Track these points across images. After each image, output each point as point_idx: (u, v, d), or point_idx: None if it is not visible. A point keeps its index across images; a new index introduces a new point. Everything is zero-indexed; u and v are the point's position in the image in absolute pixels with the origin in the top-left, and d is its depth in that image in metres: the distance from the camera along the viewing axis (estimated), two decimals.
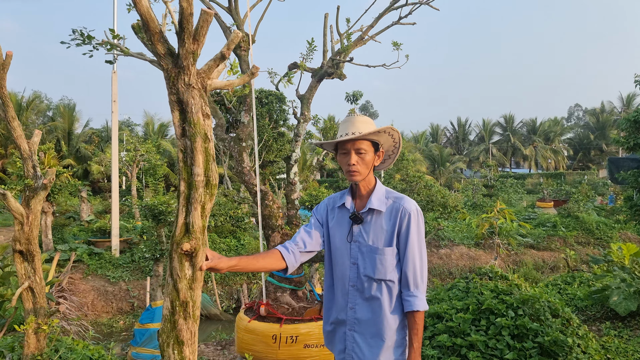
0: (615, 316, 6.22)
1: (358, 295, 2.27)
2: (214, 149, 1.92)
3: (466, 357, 4.12)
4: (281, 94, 18.18)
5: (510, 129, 58.07)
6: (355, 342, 2.27)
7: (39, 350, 3.24)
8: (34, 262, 3.19)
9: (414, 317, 2.18)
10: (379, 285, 2.23)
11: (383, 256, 2.21)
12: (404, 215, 2.21)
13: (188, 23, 1.67)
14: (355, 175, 2.23)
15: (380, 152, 2.32)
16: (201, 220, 1.83)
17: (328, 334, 2.43)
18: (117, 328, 9.63)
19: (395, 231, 2.22)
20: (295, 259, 2.32)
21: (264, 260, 2.27)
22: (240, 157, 4.42)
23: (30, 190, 3.14)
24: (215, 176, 1.88)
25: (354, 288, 2.28)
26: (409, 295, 2.20)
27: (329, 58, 4.68)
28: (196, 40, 1.73)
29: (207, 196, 1.84)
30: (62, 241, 12.60)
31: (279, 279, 4.38)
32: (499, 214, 10.80)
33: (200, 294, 1.90)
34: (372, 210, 2.27)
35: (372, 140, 2.26)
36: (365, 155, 2.24)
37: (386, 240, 2.23)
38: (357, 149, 2.23)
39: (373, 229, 2.25)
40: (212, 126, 2.10)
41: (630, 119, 8.30)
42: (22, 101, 34.87)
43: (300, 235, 2.39)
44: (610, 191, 27.75)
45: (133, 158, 19.99)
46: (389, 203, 2.27)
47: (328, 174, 44.66)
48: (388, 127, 2.24)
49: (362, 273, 2.25)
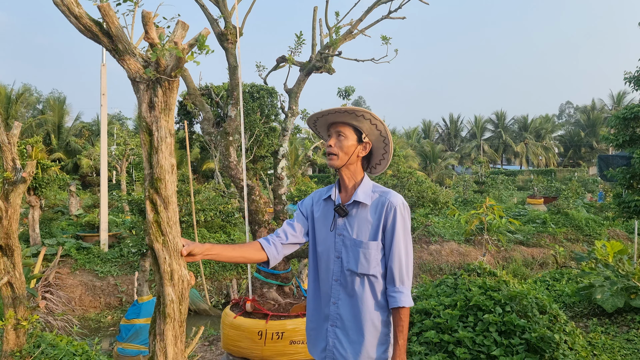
0: (603, 313, 6.25)
1: (341, 290, 2.22)
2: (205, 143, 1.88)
3: (453, 353, 4.11)
4: (272, 89, 18.11)
5: (501, 125, 58.31)
6: (337, 338, 2.22)
7: (18, 347, 3.18)
8: (13, 256, 3.12)
9: (400, 313, 2.13)
10: (362, 280, 2.18)
11: (367, 250, 2.16)
12: (389, 210, 2.16)
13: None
14: (333, 159, 2.21)
15: (366, 142, 2.25)
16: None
17: (311, 331, 2.36)
18: (105, 323, 9.56)
19: (380, 225, 2.17)
20: (277, 251, 2.28)
21: (242, 250, 2.23)
22: (227, 152, 4.36)
23: (9, 183, 3.07)
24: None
25: (337, 282, 2.23)
26: (395, 292, 2.16)
27: (318, 52, 4.63)
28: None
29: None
30: (50, 235, 12.48)
31: (266, 274, 4.34)
32: (488, 210, 10.82)
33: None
34: (357, 203, 2.22)
35: (353, 125, 2.22)
36: (344, 140, 2.20)
37: (371, 234, 2.18)
38: (337, 131, 2.22)
39: (357, 222, 2.21)
40: (199, 120, 2.04)
41: (619, 116, 8.31)
42: (11, 94, 34.53)
43: (282, 228, 2.35)
44: (600, 188, 27.93)
45: (123, 152, 19.85)
46: (374, 197, 2.22)
47: (320, 170, 44.66)
48: (367, 112, 2.17)
49: (345, 267, 2.21)
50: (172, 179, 1.83)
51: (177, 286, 1.84)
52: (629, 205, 8.16)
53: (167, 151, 1.80)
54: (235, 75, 4.46)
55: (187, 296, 1.90)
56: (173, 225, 1.84)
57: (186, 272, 1.88)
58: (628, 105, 8.34)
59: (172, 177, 1.83)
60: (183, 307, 1.88)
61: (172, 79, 1.76)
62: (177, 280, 1.84)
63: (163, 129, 1.78)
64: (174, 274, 1.84)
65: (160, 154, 1.79)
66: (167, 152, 1.80)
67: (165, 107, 1.78)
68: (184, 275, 1.87)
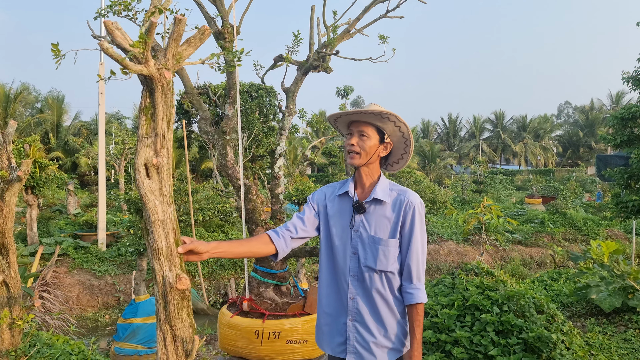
0: (600, 312, 6.25)
1: (359, 286, 2.26)
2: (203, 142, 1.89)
3: (450, 353, 4.10)
4: (271, 88, 18.08)
5: (500, 125, 58.32)
6: (358, 332, 2.25)
7: (13, 346, 3.16)
8: (8, 255, 3.11)
9: (417, 308, 2.20)
10: (380, 276, 2.23)
11: (386, 247, 2.21)
12: (408, 209, 2.21)
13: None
14: (354, 157, 2.23)
15: (387, 143, 2.28)
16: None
17: (324, 327, 2.37)
18: (103, 322, 9.54)
19: (399, 223, 2.22)
20: (286, 244, 2.28)
21: (250, 244, 2.23)
22: (224, 151, 4.35)
23: (5, 182, 3.06)
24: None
25: (354, 278, 2.26)
26: (412, 288, 2.21)
27: (315, 51, 4.62)
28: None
29: None
30: (48, 234, 12.45)
31: (263, 274, 4.33)
32: (486, 209, 10.82)
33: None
34: (375, 200, 2.26)
35: (376, 125, 2.24)
36: (367, 140, 2.22)
37: (390, 232, 2.22)
38: (360, 131, 2.23)
39: (375, 219, 2.24)
40: (196, 119, 2.05)
41: (617, 116, 8.30)
42: (10, 93, 34.47)
43: (292, 221, 2.35)
44: (598, 188, 27.96)
45: (121, 151, 19.82)
46: (393, 195, 2.26)
47: (319, 169, 44.63)
48: (392, 114, 2.20)
49: (362, 263, 2.24)
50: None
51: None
52: (626, 205, 8.16)
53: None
54: (232, 74, 4.45)
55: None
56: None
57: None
58: (626, 105, 8.34)
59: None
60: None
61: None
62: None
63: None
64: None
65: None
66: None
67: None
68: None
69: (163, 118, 1.84)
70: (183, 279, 1.84)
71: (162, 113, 1.84)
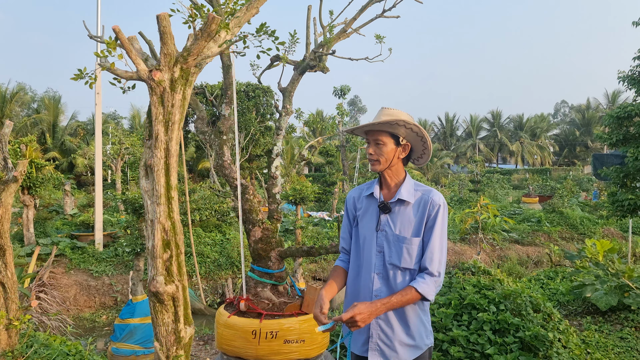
0: (596, 311, 6.27)
1: (383, 283, 2.34)
2: (200, 142, 1.89)
3: (447, 352, 4.12)
4: (268, 88, 18.07)
5: (497, 124, 58.43)
6: (381, 329, 2.32)
7: (10, 347, 3.16)
8: (5, 256, 3.10)
9: (410, 292, 2.21)
10: (404, 274, 2.31)
11: (411, 246, 2.29)
12: (432, 208, 2.29)
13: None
14: (375, 164, 2.35)
15: (404, 144, 2.35)
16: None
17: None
18: (100, 323, 9.52)
19: (423, 222, 2.30)
20: None
21: (340, 281, 2.46)
22: (221, 151, 4.35)
23: (1, 182, 3.05)
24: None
25: (379, 276, 2.34)
26: (421, 276, 2.26)
27: (312, 50, 4.62)
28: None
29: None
30: (45, 235, 12.41)
31: (260, 274, 4.32)
32: (482, 209, 10.84)
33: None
34: (400, 200, 2.34)
35: (388, 131, 2.32)
36: (383, 147, 2.32)
37: (414, 231, 2.30)
38: (375, 139, 2.33)
39: (400, 219, 2.33)
40: (193, 119, 2.04)
41: (613, 115, 8.33)
42: (6, 93, 34.39)
43: (341, 244, 2.56)
44: (595, 187, 28.01)
45: (118, 151, 19.79)
46: (417, 195, 2.35)
47: (316, 169, 44.60)
48: (401, 120, 2.26)
49: (387, 261, 2.33)
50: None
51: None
52: (622, 204, 8.19)
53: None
54: (229, 74, 4.45)
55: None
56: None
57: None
58: (622, 105, 8.36)
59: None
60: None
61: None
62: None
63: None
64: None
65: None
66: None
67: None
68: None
69: (156, 119, 1.84)
70: (157, 282, 1.82)
71: (155, 114, 1.84)
